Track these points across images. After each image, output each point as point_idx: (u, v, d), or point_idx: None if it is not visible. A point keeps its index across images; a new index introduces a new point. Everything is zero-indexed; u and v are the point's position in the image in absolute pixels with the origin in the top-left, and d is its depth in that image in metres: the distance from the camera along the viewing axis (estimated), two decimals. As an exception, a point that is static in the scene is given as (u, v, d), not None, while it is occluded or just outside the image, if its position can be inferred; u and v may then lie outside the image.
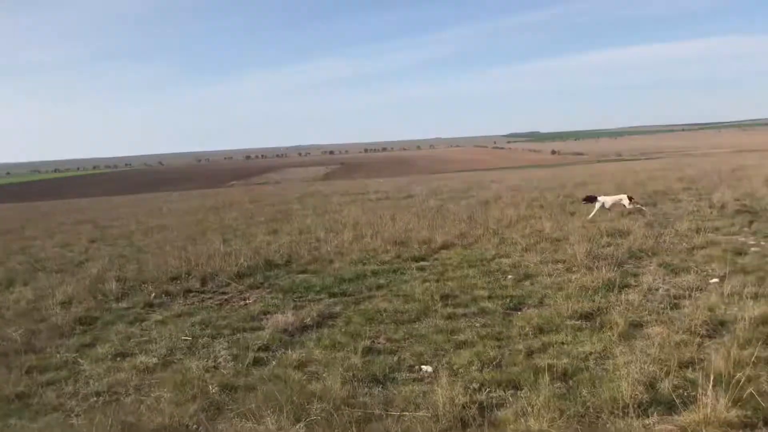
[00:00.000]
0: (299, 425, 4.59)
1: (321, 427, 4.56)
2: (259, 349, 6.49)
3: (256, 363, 6.12)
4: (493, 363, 5.60)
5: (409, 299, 7.95)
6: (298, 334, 6.96)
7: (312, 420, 4.65)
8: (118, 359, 6.52)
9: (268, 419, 4.62)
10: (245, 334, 7.09)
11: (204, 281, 9.74)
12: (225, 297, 8.96)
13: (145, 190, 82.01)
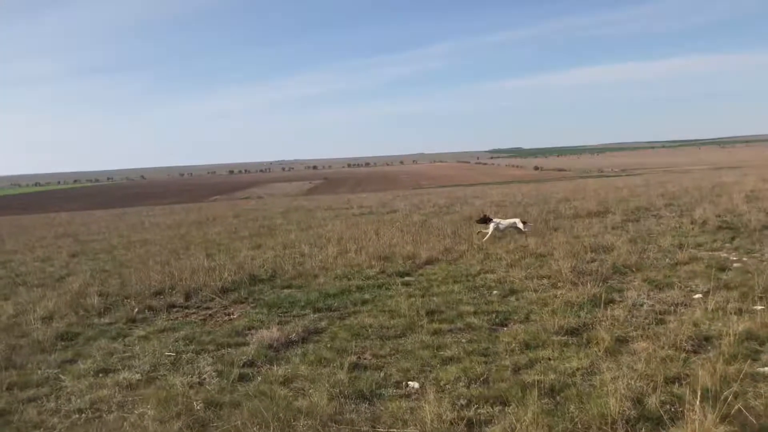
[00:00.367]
0: (286, 442, 4.54)
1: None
2: (244, 365, 6.43)
3: (241, 379, 6.05)
4: (481, 379, 5.58)
5: (395, 315, 7.91)
6: (283, 349, 6.90)
7: (299, 437, 4.60)
8: (100, 375, 6.42)
9: (254, 436, 4.56)
10: (230, 349, 7.02)
11: (188, 296, 9.66)
12: (209, 312, 8.88)
13: (127, 204, 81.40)
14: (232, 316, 8.61)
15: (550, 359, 6.00)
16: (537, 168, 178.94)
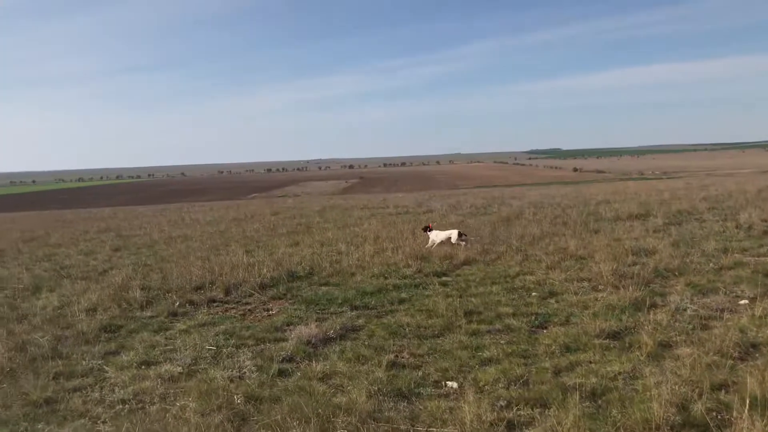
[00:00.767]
0: (325, 438, 4.56)
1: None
2: (284, 360, 6.49)
3: (280, 374, 6.11)
4: (520, 381, 5.53)
5: (432, 314, 7.89)
6: (321, 346, 6.95)
7: (338, 433, 4.62)
8: (143, 367, 6.54)
9: (294, 431, 4.59)
10: (269, 344, 7.09)
11: (227, 291, 9.79)
12: (248, 307, 8.99)
13: (168, 200, 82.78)
14: (271, 311, 8.69)
15: (591, 362, 5.92)
16: (576, 169, 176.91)
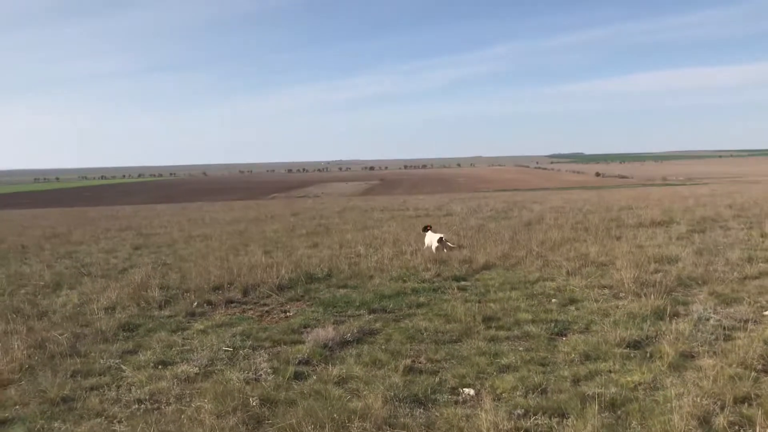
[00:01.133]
0: (340, 443, 4.52)
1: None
2: (300, 363, 6.46)
3: (296, 377, 6.09)
4: (539, 389, 5.45)
5: (450, 319, 7.83)
6: (338, 349, 6.91)
7: (353, 439, 4.58)
8: (159, 367, 6.55)
9: (308, 435, 4.57)
10: (286, 346, 7.07)
11: (245, 292, 9.80)
12: (266, 309, 8.99)
13: (189, 199, 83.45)
14: (288, 313, 8.69)
15: (610, 372, 5.82)
16: (598, 174, 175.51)
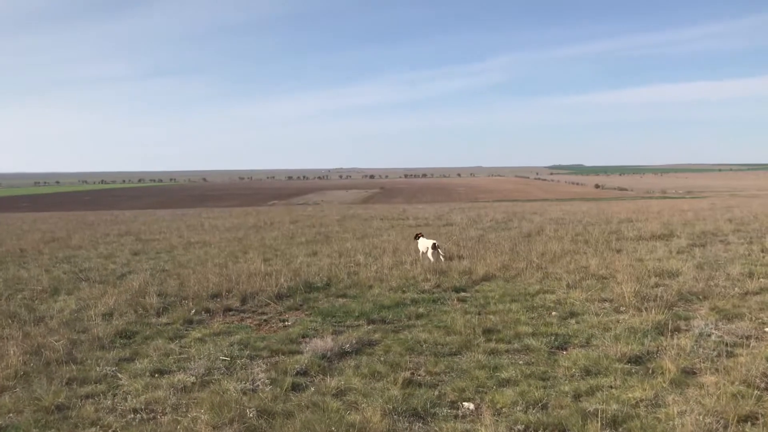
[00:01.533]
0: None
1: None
2: (298, 374, 6.40)
3: (294, 388, 6.02)
4: (539, 404, 5.39)
5: (450, 331, 7.77)
6: (336, 360, 6.85)
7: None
8: (156, 376, 6.48)
9: (306, 449, 4.51)
10: (284, 357, 7.01)
11: (244, 300, 9.74)
12: (264, 317, 8.93)
13: (188, 205, 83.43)
14: (286, 322, 8.62)
15: (612, 387, 5.76)
16: (598, 186, 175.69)
